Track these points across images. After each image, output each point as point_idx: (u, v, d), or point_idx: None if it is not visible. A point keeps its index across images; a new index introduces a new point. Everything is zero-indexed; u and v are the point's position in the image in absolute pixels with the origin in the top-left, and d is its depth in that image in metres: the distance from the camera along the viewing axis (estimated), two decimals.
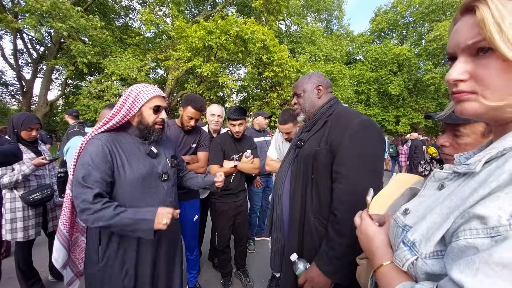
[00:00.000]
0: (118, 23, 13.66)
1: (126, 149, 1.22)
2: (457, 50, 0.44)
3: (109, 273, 1.18)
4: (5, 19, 8.13)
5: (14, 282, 2.17)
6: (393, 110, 18.29)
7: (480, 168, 0.41)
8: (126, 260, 1.20)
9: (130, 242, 1.21)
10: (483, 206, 0.35)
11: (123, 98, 1.22)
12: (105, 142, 1.16)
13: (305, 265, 1.03)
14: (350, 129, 1.03)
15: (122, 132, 1.26)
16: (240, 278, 2.44)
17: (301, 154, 1.19)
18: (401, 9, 19.72)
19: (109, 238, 1.19)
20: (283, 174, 1.28)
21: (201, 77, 10.65)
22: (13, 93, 16.02)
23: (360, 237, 0.64)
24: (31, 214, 2.10)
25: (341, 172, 1.01)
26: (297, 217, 1.14)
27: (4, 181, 1.93)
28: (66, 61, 9.87)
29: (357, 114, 1.10)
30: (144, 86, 1.24)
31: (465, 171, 0.44)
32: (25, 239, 2.05)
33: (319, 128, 1.16)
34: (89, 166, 1.09)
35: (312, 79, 1.27)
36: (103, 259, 1.18)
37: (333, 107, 1.20)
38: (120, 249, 1.20)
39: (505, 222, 0.32)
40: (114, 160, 1.16)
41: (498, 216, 0.32)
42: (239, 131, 2.12)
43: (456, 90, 0.44)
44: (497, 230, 0.32)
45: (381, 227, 0.61)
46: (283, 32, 18.51)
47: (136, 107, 1.21)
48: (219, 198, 2.19)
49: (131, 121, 1.26)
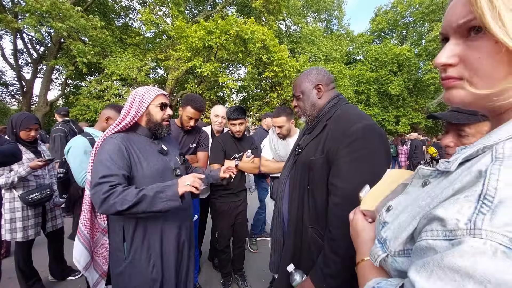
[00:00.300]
0: (118, 23, 13.65)
1: (139, 147, 1.28)
2: (449, 30, 0.40)
3: (137, 267, 1.22)
4: (5, 19, 8.12)
5: (14, 282, 2.17)
6: (393, 110, 18.27)
7: (455, 167, 0.39)
8: (152, 253, 1.25)
9: (154, 234, 1.25)
10: (444, 208, 0.34)
11: (129, 100, 1.30)
12: (121, 140, 1.22)
13: (301, 276, 1.01)
14: (348, 137, 0.93)
15: (132, 132, 1.33)
16: (237, 281, 2.43)
17: (299, 161, 1.15)
18: (401, 9, 19.69)
19: (133, 233, 1.23)
20: (284, 178, 1.25)
21: (201, 77, 10.64)
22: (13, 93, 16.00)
23: (351, 231, 0.64)
24: (30, 214, 2.11)
25: (337, 184, 0.93)
26: (294, 224, 1.11)
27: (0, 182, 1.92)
28: (66, 61, 9.86)
29: (358, 118, 0.98)
30: (148, 87, 1.34)
31: (443, 169, 0.43)
32: (24, 239, 2.05)
33: (318, 133, 1.09)
34: (107, 162, 1.14)
35: (310, 77, 1.16)
36: (129, 255, 1.22)
37: (334, 107, 1.10)
38: (145, 243, 1.24)
39: (462, 226, 0.30)
40: (131, 157, 1.22)
41: (456, 220, 0.31)
42: (240, 131, 2.14)
43: (444, 76, 0.41)
44: (454, 233, 0.31)
45: (371, 223, 0.61)
46: (283, 32, 18.48)
47: (144, 106, 1.29)
48: (219, 198, 2.20)
49: (139, 121, 1.34)
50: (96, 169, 1.14)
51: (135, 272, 1.22)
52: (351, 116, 1.01)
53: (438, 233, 0.33)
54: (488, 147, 0.36)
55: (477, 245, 0.28)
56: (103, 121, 2.04)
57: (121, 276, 1.23)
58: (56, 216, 2.35)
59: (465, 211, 0.31)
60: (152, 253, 1.25)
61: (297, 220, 1.09)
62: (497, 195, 0.29)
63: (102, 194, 1.05)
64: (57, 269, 2.41)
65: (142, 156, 1.25)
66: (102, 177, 1.09)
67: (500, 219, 0.28)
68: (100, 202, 1.06)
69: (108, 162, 1.13)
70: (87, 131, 2.00)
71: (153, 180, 1.23)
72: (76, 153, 1.82)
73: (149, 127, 1.33)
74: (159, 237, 1.26)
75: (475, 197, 0.31)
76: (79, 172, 1.80)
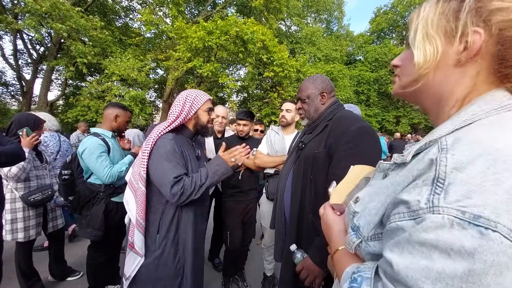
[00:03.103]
0: (118, 23, 13.66)
1: (186, 148, 1.39)
2: None
3: (164, 260, 1.30)
4: (5, 20, 8.14)
5: (15, 282, 2.17)
6: (393, 111, 18.30)
7: (410, 159, 0.46)
8: (179, 248, 1.33)
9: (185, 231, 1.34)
10: (407, 192, 0.39)
11: (180, 103, 1.39)
12: (174, 140, 1.32)
13: (302, 254, 1.12)
14: (347, 135, 1.10)
15: (178, 133, 1.42)
16: (237, 282, 2.43)
17: (302, 156, 1.27)
18: (401, 10, 19.73)
19: (168, 226, 1.31)
20: (286, 173, 1.36)
21: (201, 77, 10.65)
22: (13, 93, 16.01)
23: (322, 226, 0.68)
24: (31, 214, 2.11)
25: (335, 173, 1.07)
26: (296, 212, 1.23)
27: (13, 171, 1.94)
28: (67, 62, 9.86)
29: (356, 120, 1.16)
30: (197, 91, 1.45)
31: (400, 161, 0.49)
32: (25, 239, 2.05)
33: (319, 131, 1.24)
34: (172, 163, 1.25)
35: (316, 84, 1.32)
36: (160, 247, 1.30)
37: (334, 111, 1.26)
38: (175, 238, 1.32)
39: (423, 206, 0.35)
40: (184, 155, 1.34)
41: (418, 201, 0.36)
42: (243, 130, 2.29)
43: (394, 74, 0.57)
44: (417, 213, 0.35)
45: (340, 216, 0.64)
46: (283, 32, 18.50)
47: (193, 110, 1.40)
48: (229, 197, 2.24)
49: (187, 124, 1.45)
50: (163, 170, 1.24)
51: (161, 264, 1.29)
52: (350, 118, 1.18)
53: (404, 214, 0.38)
54: (433, 141, 0.43)
55: (437, 220, 0.33)
56: (112, 120, 2.04)
57: (147, 267, 1.29)
58: (57, 216, 2.35)
59: (424, 193, 0.36)
60: (180, 246, 1.33)
61: (299, 208, 1.21)
62: (447, 178, 0.35)
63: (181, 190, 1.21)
64: (57, 270, 2.41)
65: (188, 156, 1.38)
66: (175, 177, 1.21)
67: (452, 197, 0.33)
68: (178, 197, 1.21)
69: (173, 162, 1.25)
70: (96, 131, 2.00)
71: None
72: (93, 152, 1.83)
73: (196, 129, 1.46)
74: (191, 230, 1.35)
75: (430, 180, 0.36)
76: (102, 170, 1.83)
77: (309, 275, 1.08)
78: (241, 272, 2.46)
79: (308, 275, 1.08)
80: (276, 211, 1.42)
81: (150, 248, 1.31)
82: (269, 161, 2.05)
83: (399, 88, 0.54)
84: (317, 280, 1.08)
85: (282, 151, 2.03)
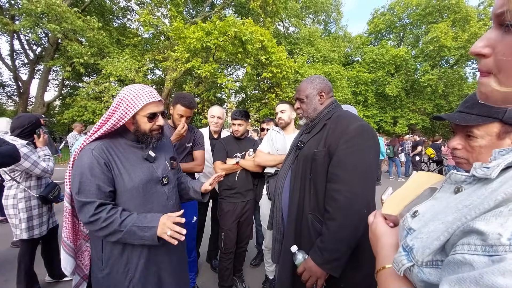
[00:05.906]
0: (115, 24, 13.62)
1: (122, 156, 1.17)
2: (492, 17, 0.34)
3: (113, 280, 1.17)
4: (1, 22, 8.09)
5: (11, 285, 2.15)
6: (390, 111, 18.38)
7: (497, 175, 0.35)
8: (130, 268, 1.17)
9: (134, 250, 1.17)
10: (485, 220, 0.31)
11: (115, 103, 1.14)
12: (99, 152, 1.10)
13: (303, 256, 1.10)
14: (347, 134, 1.10)
15: (117, 136, 1.20)
16: (235, 283, 2.42)
17: (301, 155, 1.26)
18: (398, 11, 19.85)
19: (112, 245, 1.16)
20: (284, 173, 1.35)
21: (200, 78, 10.65)
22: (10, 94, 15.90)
23: (370, 235, 0.61)
24: (44, 211, 2.19)
25: (336, 173, 1.08)
26: (295, 213, 1.21)
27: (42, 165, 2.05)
28: (63, 62, 9.82)
29: (355, 119, 1.15)
30: (137, 92, 1.14)
31: (481, 175, 0.38)
32: (41, 235, 2.13)
33: (318, 131, 1.23)
34: (86, 179, 1.06)
35: (314, 84, 1.31)
36: (107, 267, 1.17)
37: (332, 111, 1.26)
38: (123, 257, 1.17)
39: (505, 242, 0.28)
40: (111, 170, 1.12)
41: (498, 234, 0.28)
42: (238, 130, 2.27)
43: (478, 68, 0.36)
44: (495, 249, 0.28)
45: (393, 228, 0.57)
46: (281, 33, 18.55)
47: (128, 115, 1.13)
48: (226, 198, 2.23)
49: (128, 126, 1.19)
50: (74, 186, 1.07)
51: (111, 283, 1.17)
52: (349, 117, 1.18)
53: (476, 247, 0.30)
54: None
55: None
56: None
57: (99, 283, 1.20)
58: (54, 212, 2.37)
59: (509, 226, 0.28)
60: (130, 268, 1.17)
61: (298, 209, 1.20)
62: None
63: (89, 217, 1.05)
64: (56, 270, 2.40)
65: (124, 167, 1.15)
66: (82, 195, 1.05)
67: None
68: (86, 223, 1.07)
69: (88, 179, 1.06)
70: None
71: (135, 192, 1.16)
72: None
73: (137, 135, 1.19)
74: (138, 253, 1.18)
75: None
76: None
77: (311, 277, 1.06)
78: (239, 273, 2.46)
79: (310, 276, 1.06)
80: (274, 211, 1.40)
81: (97, 265, 1.18)
82: (270, 159, 2.05)
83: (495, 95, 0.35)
84: (319, 282, 1.06)
85: (283, 149, 2.04)
